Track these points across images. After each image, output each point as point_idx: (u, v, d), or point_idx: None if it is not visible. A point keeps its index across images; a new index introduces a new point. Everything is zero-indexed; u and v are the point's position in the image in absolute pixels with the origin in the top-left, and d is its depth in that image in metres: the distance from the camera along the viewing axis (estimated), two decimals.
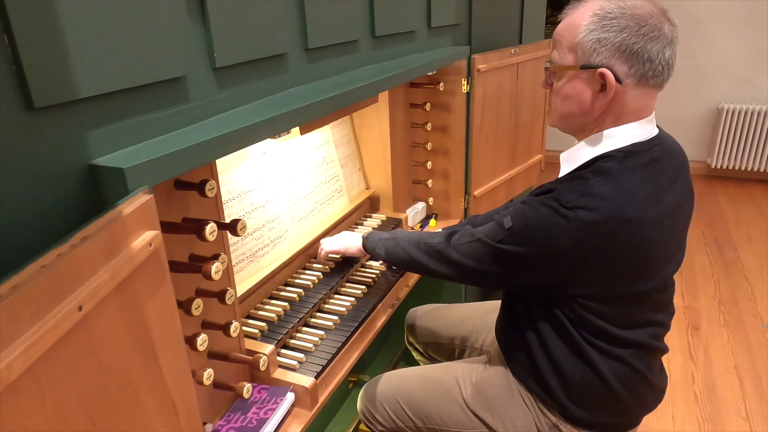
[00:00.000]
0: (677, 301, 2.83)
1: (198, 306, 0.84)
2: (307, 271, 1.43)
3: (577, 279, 1.00)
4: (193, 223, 0.81)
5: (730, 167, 4.28)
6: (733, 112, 4.10)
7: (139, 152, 0.65)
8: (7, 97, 0.52)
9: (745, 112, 4.08)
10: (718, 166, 4.29)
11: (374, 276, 1.47)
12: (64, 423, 0.46)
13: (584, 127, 1.04)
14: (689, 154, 4.40)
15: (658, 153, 1.01)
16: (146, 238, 0.58)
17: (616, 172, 0.96)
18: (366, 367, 2.08)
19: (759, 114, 4.05)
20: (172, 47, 0.73)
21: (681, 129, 4.38)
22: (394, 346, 2.18)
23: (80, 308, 0.47)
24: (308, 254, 1.47)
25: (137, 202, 0.58)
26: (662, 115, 4.75)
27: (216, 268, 0.80)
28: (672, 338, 2.54)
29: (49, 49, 0.55)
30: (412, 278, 1.57)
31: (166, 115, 0.74)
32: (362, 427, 1.85)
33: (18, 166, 0.54)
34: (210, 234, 0.78)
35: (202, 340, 0.86)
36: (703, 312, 2.74)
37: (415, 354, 1.66)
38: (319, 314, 1.32)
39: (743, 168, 4.24)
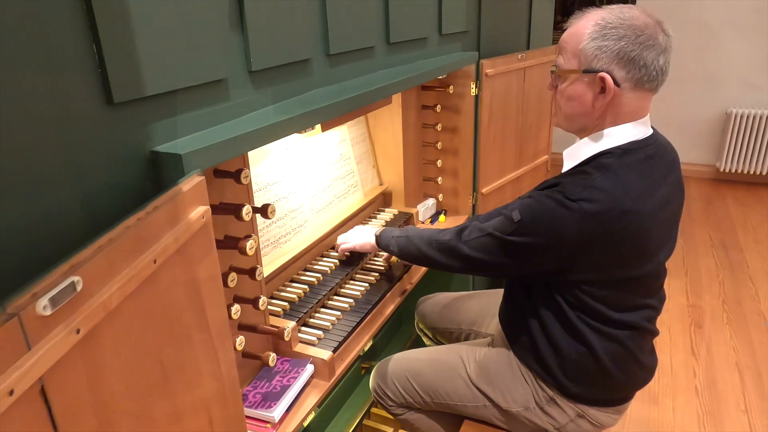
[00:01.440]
0: (682, 300, 2.90)
1: (233, 279, 0.96)
2: (324, 259, 1.55)
3: (580, 265, 1.09)
4: (231, 205, 0.93)
5: (739, 171, 4.33)
6: (741, 117, 4.16)
7: (191, 142, 0.77)
8: (94, 94, 0.65)
9: (754, 117, 4.13)
10: (727, 170, 4.34)
11: (386, 265, 1.58)
12: (141, 346, 0.59)
13: (586, 127, 1.14)
14: (698, 157, 4.42)
15: (653, 150, 1.11)
16: (200, 211, 0.70)
17: (615, 168, 1.06)
18: (378, 354, 2.18)
19: (767, 119, 4.11)
20: (216, 54, 0.85)
21: (690, 133, 4.44)
22: (404, 336, 2.28)
23: (155, 261, 0.59)
24: (326, 243, 1.59)
25: (192, 182, 0.70)
26: (672, 119, 4.76)
27: (250, 245, 0.92)
28: (675, 335, 2.62)
29: (126, 56, 0.68)
30: (422, 268, 1.68)
31: (211, 111, 0.86)
32: (373, 410, 1.96)
33: (101, 150, 0.66)
34: (246, 214, 0.90)
35: (236, 310, 0.98)
36: (707, 311, 2.80)
37: (425, 339, 1.77)
38: (335, 297, 1.43)
39: (752, 172, 4.28)
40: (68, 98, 0.61)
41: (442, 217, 2.00)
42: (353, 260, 1.56)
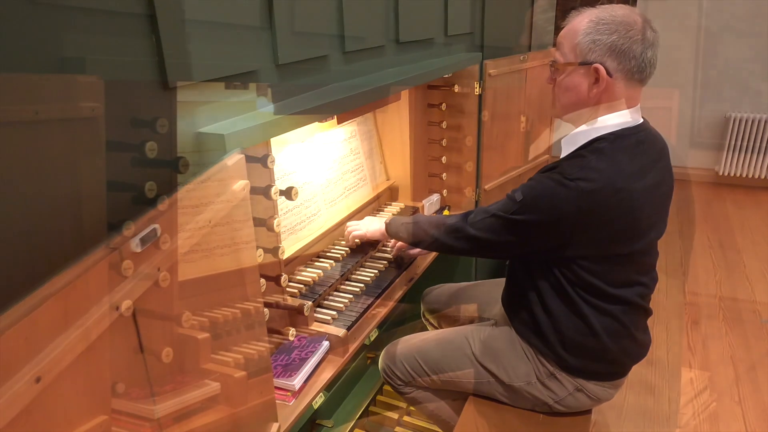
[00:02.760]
0: (679, 297, 2.97)
1: (260, 254, 1.05)
2: (336, 247, 1.64)
3: (577, 241, 1.18)
4: (260, 187, 1.02)
5: (738, 174, 4.40)
6: (740, 121, 4.23)
7: (230, 125, 0.87)
8: (153, 79, 0.75)
9: (752, 121, 4.21)
10: (726, 174, 4.42)
11: (395, 254, 1.67)
12: (199, 292, 0.68)
13: (581, 115, 1.24)
14: (698, 161, 4.53)
15: (643, 137, 1.21)
16: (241, 185, 0.79)
17: (609, 151, 1.16)
18: (385, 345, 2.26)
19: (765, 123, 4.19)
20: (250, 48, 0.95)
21: (690, 137, 4.52)
22: (410, 330, 2.36)
23: (210, 221, 0.68)
24: (337, 233, 1.68)
25: (234, 159, 0.79)
26: (672, 123, 4.81)
27: (277, 222, 1.01)
28: (672, 331, 2.69)
29: (180, 47, 0.78)
30: (428, 257, 1.76)
31: (244, 99, 0.96)
32: (379, 397, 2.04)
33: (158, 128, 0.76)
34: (274, 194, 1.00)
35: (262, 283, 1.07)
36: (704, 308, 2.87)
37: (430, 328, 1.85)
38: (347, 282, 1.52)
39: (750, 176, 4.36)
40: (135, 81, 0.71)
41: (446, 212, 2.09)
42: (363, 249, 1.65)
